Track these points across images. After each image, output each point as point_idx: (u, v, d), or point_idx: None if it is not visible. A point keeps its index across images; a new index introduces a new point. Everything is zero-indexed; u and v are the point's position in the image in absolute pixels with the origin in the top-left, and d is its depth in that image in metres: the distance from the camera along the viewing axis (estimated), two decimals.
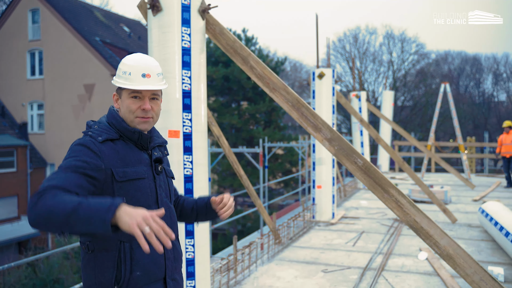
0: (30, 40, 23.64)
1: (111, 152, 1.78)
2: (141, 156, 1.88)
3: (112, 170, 1.75)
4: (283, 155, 22.60)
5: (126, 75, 1.84)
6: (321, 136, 3.47)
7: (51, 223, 1.48)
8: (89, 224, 1.45)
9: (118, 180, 1.75)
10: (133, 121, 1.86)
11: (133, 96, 1.85)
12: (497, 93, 44.63)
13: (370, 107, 12.51)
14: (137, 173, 1.82)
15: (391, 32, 37.84)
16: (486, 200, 9.90)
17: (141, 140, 1.88)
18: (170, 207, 1.97)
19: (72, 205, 1.46)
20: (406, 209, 3.23)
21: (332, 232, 7.31)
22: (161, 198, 1.90)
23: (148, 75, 1.84)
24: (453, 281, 4.79)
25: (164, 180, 1.95)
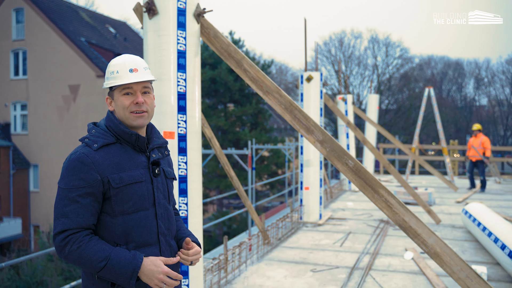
0: (14, 40, 23.34)
1: (106, 158, 1.82)
2: (138, 159, 1.90)
3: (108, 178, 1.80)
4: (269, 157, 22.73)
5: (114, 74, 1.89)
6: (313, 138, 3.57)
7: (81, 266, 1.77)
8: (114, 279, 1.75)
9: (115, 186, 1.80)
10: (128, 117, 1.88)
11: (125, 93, 1.88)
12: (479, 97, 45.54)
13: (356, 110, 12.69)
14: (133, 177, 1.85)
15: (376, 36, 38.36)
16: (468, 201, 10.14)
17: (138, 143, 1.90)
18: (168, 209, 2.00)
19: (99, 265, 1.72)
20: (395, 209, 3.34)
21: (320, 233, 7.42)
22: (158, 200, 1.93)
23: (135, 69, 1.88)
24: (438, 279, 4.93)
25: (162, 182, 1.98)
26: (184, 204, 3.64)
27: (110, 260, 1.71)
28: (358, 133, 8.52)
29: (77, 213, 1.74)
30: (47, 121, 22.44)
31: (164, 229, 1.94)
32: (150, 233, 1.88)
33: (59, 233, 1.74)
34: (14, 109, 23.43)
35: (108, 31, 27.87)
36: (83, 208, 1.76)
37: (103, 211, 1.82)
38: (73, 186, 1.76)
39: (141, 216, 1.86)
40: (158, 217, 1.92)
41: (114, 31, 28.66)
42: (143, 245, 1.85)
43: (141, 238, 1.85)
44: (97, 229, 1.83)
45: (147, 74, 1.93)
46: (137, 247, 1.84)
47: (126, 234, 1.82)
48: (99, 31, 26.51)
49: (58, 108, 22.35)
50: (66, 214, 1.74)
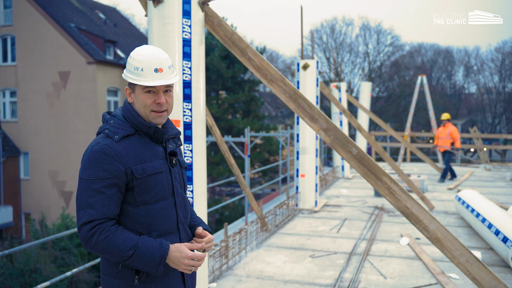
0: (2, 26, 22.94)
1: (128, 149, 1.84)
2: (157, 150, 1.93)
3: (131, 169, 1.82)
4: (262, 145, 22.80)
5: (138, 71, 1.85)
6: (317, 126, 3.61)
7: (107, 255, 1.79)
8: (142, 267, 1.78)
9: (138, 177, 1.83)
10: (148, 115, 1.90)
11: (147, 91, 1.87)
12: (468, 85, 45.93)
13: (350, 97, 12.76)
14: (155, 167, 1.88)
15: (367, 23, 38.34)
16: (460, 188, 10.32)
17: (157, 135, 1.93)
18: (184, 197, 2.05)
19: (127, 254, 1.74)
20: (398, 196, 3.42)
21: (316, 220, 7.53)
22: (176, 189, 1.97)
23: (161, 69, 1.85)
24: (434, 264, 5.06)
25: (178, 172, 2.02)
26: (190, 192, 3.69)
27: (138, 248, 1.74)
28: (353, 121, 8.59)
29: (102, 203, 1.77)
30: (37, 108, 22.19)
31: (183, 218, 1.99)
32: (170, 222, 1.93)
33: (85, 223, 1.76)
34: (3, 96, 23.13)
35: (98, 17, 27.50)
36: (108, 198, 1.78)
37: (126, 202, 1.85)
38: (97, 177, 1.78)
39: (162, 205, 1.90)
40: (177, 206, 1.96)
41: (104, 16, 28.27)
42: (164, 233, 1.90)
43: (163, 227, 1.89)
44: (120, 219, 1.86)
45: (171, 74, 1.91)
46: (159, 236, 1.88)
47: (149, 223, 1.86)
48: (88, 16, 26.14)
49: (48, 95, 22.10)
50: (92, 205, 1.76)
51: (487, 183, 11.69)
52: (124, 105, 1.98)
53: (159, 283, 1.87)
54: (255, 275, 4.86)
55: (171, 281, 1.90)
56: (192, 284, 2.02)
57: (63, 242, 15.65)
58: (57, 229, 16.75)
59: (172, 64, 1.99)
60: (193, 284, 2.04)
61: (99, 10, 28.76)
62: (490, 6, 50.18)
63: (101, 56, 22.10)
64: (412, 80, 37.86)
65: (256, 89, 25.35)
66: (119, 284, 1.85)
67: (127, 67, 1.92)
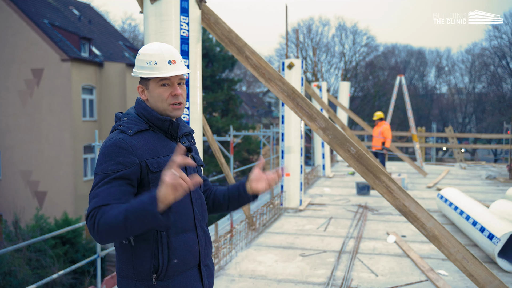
0: None
1: (143, 143, 1.82)
2: (171, 146, 1.91)
3: (146, 162, 1.79)
4: (241, 144, 22.76)
5: (151, 64, 1.85)
6: (316, 125, 3.62)
7: (115, 236, 1.64)
8: (144, 224, 1.58)
9: (153, 171, 1.79)
10: (166, 109, 1.88)
11: (162, 84, 1.87)
12: (440, 86, 47.06)
13: (330, 97, 12.87)
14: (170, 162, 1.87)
15: (343, 24, 38.79)
16: (439, 187, 10.55)
17: (171, 129, 1.91)
18: (200, 195, 2.02)
19: (122, 216, 1.58)
20: (396, 194, 3.46)
21: (302, 218, 7.56)
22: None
23: (174, 61, 1.87)
24: (423, 261, 5.15)
25: (194, 169, 1.99)
26: None
27: (130, 205, 1.60)
28: (338, 120, 8.67)
29: (108, 192, 1.70)
30: (9, 106, 21.54)
31: (199, 215, 1.96)
32: (187, 219, 1.89)
33: (88, 214, 1.68)
34: None
35: (72, 13, 26.90)
36: (114, 187, 1.71)
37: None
38: (110, 171, 1.74)
39: (178, 202, 1.84)
40: (194, 203, 1.94)
41: (78, 13, 27.68)
42: (181, 231, 1.86)
43: (180, 224, 1.86)
44: None
45: (183, 65, 1.94)
46: (176, 233, 1.84)
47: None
48: (62, 13, 25.54)
49: (20, 92, 21.48)
50: (97, 195, 1.70)
51: (463, 181, 11.99)
52: (136, 102, 1.96)
53: (176, 282, 1.83)
54: (247, 275, 4.84)
55: (189, 280, 1.87)
56: (209, 283, 2.00)
57: (38, 244, 15.26)
58: (31, 231, 16.31)
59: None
60: (210, 284, 2.01)
61: (73, 6, 28.13)
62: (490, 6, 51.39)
63: (75, 53, 21.64)
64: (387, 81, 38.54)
65: (234, 88, 25.30)
66: (136, 285, 1.81)
67: (137, 64, 1.91)
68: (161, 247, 1.80)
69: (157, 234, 1.79)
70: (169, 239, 1.82)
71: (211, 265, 2.04)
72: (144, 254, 1.80)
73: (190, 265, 1.89)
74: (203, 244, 1.96)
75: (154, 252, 1.80)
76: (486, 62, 38.44)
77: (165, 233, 1.81)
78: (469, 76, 42.69)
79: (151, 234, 1.79)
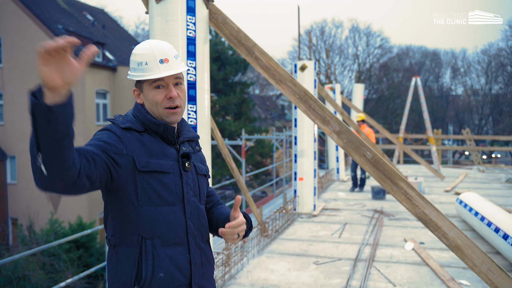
0: None
1: (135, 141, 1.68)
2: (168, 150, 1.75)
3: (134, 158, 1.64)
4: (254, 147, 22.61)
5: (142, 65, 1.70)
6: (329, 129, 3.45)
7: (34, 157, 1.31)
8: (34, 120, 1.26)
9: (140, 169, 1.64)
10: (161, 114, 1.73)
11: (156, 86, 1.71)
12: (455, 87, 46.34)
13: (344, 100, 12.65)
14: (161, 165, 1.69)
15: (356, 25, 38.49)
16: (457, 191, 10.25)
17: (167, 134, 1.75)
18: (199, 207, 1.82)
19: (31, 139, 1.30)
20: (415, 202, 3.26)
21: (316, 224, 7.36)
22: (188, 196, 1.76)
23: (166, 59, 1.70)
24: (443, 270, 4.92)
25: (193, 178, 1.81)
26: None
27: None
28: (352, 123, 8.46)
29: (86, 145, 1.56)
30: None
31: (194, 229, 1.77)
32: (177, 231, 1.71)
33: None
34: None
35: (85, 18, 27.11)
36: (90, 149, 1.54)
37: (128, 201, 1.65)
38: (94, 144, 1.58)
39: (167, 211, 1.70)
40: (187, 216, 1.75)
41: (92, 18, 27.88)
42: (170, 243, 1.69)
43: (168, 235, 1.69)
44: (122, 222, 1.67)
45: (179, 63, 1.75)
46: (163, 244, 1.68)
47: (152, 227, 1.66)
48: (76, 18, 25.74)
49: None
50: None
51: (482, 184, 11.65)
52: (134, 105, 1.82)
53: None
54: (259, 284, 4.66)
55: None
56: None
57: (52, 248, 15.28)
58: (46, 235, 16.35)
59: (178, 54, 1.78)
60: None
61: (87, 11, 28.36)
62: (490, 6, 50.72)
63: None
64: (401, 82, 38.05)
65: (247, 92, 25.17)
66: None
67: (130, 66, 1.76)
68: (145, 255, 1.65)
69: (142, 241, 1.65)
70: (155, 249, 1.66)
71: (209, 286, 1.84)
72: (127, 261, 1.66)
73: (179, 283, 1.70)
74: (198, 262, 1.76)
75: (138, 260, 1.65)
76: (503, 62, 37.75)
77: (150, 241, 1.65)
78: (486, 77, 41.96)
79: (135, 240, 1.65)
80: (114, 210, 1.69)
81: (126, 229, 1.66)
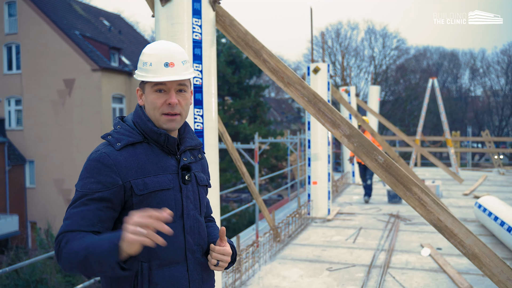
0: (6, 34, 22.86)
1: (130, 160, 1.58)
2: (167, 163, 1.65)
3: (131, 183, 1.56)
4: (269, 151, 22.53)
5: (146, 66, 1.62)
6: (340, 132, 3.34)
7: (76, 271, 1.46)
8: (103, 270, 1.40)
9: (138, 193, 1.56)
10: (158, 119, 1.63)
11: (157, 90, 1.63)
12: (474, 88, 45.48)
13: (359, 102, 12.48)
14: (160, 183, 1.60)
15: (372, 27, 38.15)
16: (476, 194, 9.99)
17: (168, 144, 1.65)
18: (199, 221, 1.72)
19: (82, 255, 1.41)
20: (430, 208, 3.14)
21: (330, 229, 7.23)
22: (187, 211, 1.67)
23: (172, 63, 1.61)
24: (461, 277, 4.75)
25: (193, 190, 1.71)
26: None
27: (91, 247, 1.40)
28: (367, 126, 8.31)
29: (82, 215, 1.49)
30: (42, 116, 22.05)
31: (193, 245, 1.67)
32: (175, 250, 1.62)
33: (57, 236, 1.49)
34: (8, 104, 23.01)
35: (102, 24, 27.42)
36: (91, 211, 1.50)
37: (122, 222, 1.53)
38: (89, 190, 1.53)
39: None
40: (186, 231, 1.65)
41: (109, 24, 28.19)
42: (167, 263, 1.60)
43: (166, 255, 1.59)
44: None
45: (185, 69, 1.65)
46: (160, 266, 1.59)
47: (148, 250, 1.54)
48: (93, 24, 26.05)
49: (53, 102, 21.95)
50: (70, 217, 1.50)
51: (502, 188, 11.35)
52: (135, 108, 1.73)
53: None
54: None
55: None
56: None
57: None
58: None
59: (188, 60, 1.69)
60: None
61: (103, 17, 28.69)
62: (490, 6, 49.83)
63: (106, 63, 21.98)
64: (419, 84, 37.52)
65: (262, 95, 25.11)
66: None
67: (137, 65, 1.69)
68: (141, 279, 1.55)
69: (138, 264, 1.55)
70: (151, 272, 1.57)
71: None
72: (122, 284, 1.57)
73: None
74: (197, 279, 1.68)
75: (133, 284, 1.56)
76: None
77: (146, 265, 1.56)
78: (505, 78, 41.11)
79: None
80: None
81: None
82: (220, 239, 1.68)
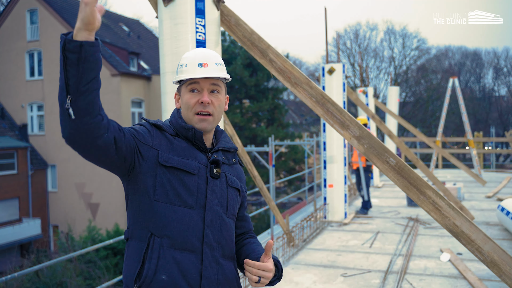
0: (28, 41, 23.33)
1: (164, 138, 1.66)
2: (198, 155, 1.68)
3: (158, 152, 1.61)
4: (287, 153, 22.36)
5: (182, 68, 1.71)
6: (349, 134, 3.21)
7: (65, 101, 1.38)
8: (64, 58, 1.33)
9: (162, 163, 1.59)
10: (192, 119, 1.68)
11: (191, 90, 1.68)
12: (498, 88, 44.37)
13: (377, 103, 12.25)
14: (186, 164, 1.62)
15: (392, 27, 37.67)
16: (499, 196, 9.66)
17: (195, 139, 1.67)
18: (223, 219, 1.67)
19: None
20: (445, 212, 2.97)
21: (346, 233, 7.06)
22: (211, 204, 1.63)
23: (205, 64, 1.68)
24: (482, 284, 4.54)
25: (221, 187, 1.69)
26: None
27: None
28: (384, 127, 8.11)
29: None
30: None
31: (213, 241, 1.61)
32: (191, 237, 1.57)
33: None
34: (30, 110, 23.45)
35: (121, 29, 27.75)
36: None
37: (144, 191, 1.59)
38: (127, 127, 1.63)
39: (184, 212, 1.58)
40: (207, 224, 1.61)
41: (128, 29, 28.52)
42: (180, 247, 1.56)
43: (180, 238, 1.56)
44: (136, 214, 1.61)
45: (218, 70, 1.70)
46: (172, 246, 1.55)
47: (163, 225, 1.56)
48: (112, 29, 26.39)
49: None
50: None
51: None
52: (172, 112, 1.81)
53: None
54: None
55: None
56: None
57: (89, 255, 15.55)
58: (83, 242, 16.67)
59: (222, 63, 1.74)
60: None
61: (122, 23, 29.05)
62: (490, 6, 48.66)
63: (125, 68, 22.21)
64: (440, 84, 36.79)
65: (280, 97, 24.99)
66: None
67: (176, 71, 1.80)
68: (151, 253, 1.55)
69: (151, 237, 1.56)
70: (162, 249, 1.55)
71: None
72: (134, 255, 1.58)
73: None
74: (212, 278, 1.59)
75: (143, 256, 1.55)
76: None
77: (159, 240, 1.55)
78: None
79: (145, 235, 1.58)
80: (131, 201, 1.65)
81: (138, 223, 1.61)
82: (265, 253, 1.63)
